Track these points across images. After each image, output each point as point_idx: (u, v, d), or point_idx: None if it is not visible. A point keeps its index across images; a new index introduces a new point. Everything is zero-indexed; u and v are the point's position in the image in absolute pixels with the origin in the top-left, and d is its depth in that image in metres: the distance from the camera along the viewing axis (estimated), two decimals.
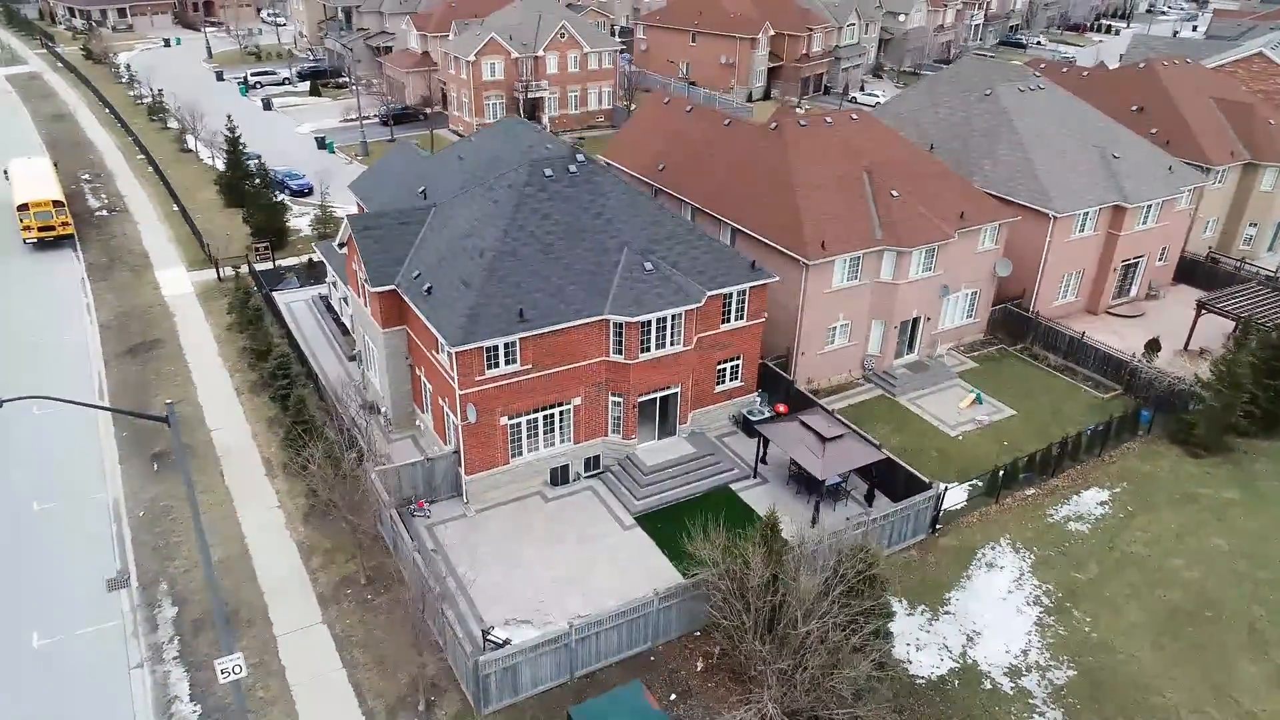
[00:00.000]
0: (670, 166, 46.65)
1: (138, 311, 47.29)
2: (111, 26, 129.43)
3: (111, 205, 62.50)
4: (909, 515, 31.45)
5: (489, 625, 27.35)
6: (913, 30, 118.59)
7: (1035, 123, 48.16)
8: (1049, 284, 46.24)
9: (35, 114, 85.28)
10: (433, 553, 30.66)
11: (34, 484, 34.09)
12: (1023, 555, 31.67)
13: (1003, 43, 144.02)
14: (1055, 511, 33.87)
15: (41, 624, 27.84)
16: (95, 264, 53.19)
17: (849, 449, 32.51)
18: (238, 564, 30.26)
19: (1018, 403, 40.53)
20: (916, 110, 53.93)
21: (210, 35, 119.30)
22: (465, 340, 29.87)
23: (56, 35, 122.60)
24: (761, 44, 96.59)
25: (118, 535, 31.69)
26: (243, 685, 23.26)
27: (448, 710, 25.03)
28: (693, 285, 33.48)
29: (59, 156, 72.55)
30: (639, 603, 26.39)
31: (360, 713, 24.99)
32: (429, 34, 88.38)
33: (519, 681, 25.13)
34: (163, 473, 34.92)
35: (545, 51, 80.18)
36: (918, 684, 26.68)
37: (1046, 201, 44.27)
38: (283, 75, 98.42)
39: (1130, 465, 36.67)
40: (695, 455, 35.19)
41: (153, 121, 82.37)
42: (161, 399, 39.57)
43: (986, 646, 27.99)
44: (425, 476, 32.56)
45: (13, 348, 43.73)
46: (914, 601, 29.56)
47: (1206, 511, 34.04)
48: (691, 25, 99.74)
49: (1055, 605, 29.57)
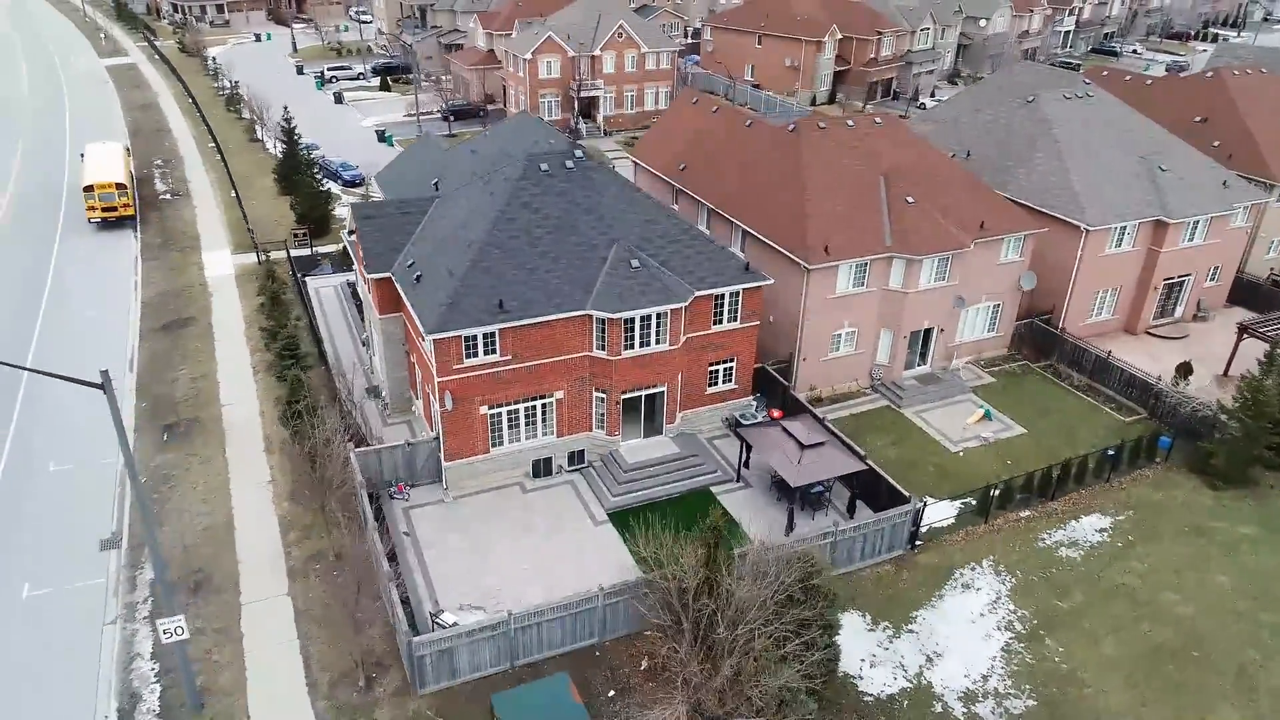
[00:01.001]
0: (691, 167, 46.47)
1: (179, 290, 49.70)
2: (209, 21, 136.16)
3: (176, 190, 65.83)
4: (884, 529, 30.58)
5: (440, 609, 27.82)
6: (993, 36, 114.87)
7: (1077, 131, 46.12)
8: (1080, 300, 44.20)
9: (125, 102, 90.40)
10: (405, 535, 31.37)
11: (54, 447, 36.20)
12: (1004, 578, 30.42)
13: (1095, 50, 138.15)
14: (1048, 536, 32.42)
15: (34, 576, 29.59)
16: (150, 244, 56.11)
17: (828, 457, 31.81)
18: (221, 534, 31.54)
19: (1031, 421, 38.91)
20: (958, 115, 52.35)
21: (297, 31, 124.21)
22: (442, 328, 30.45)
23: (158, 29, 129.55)
24: (828, 47, 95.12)
25: (119, 499, 33.41)
26: (187, 646, 24.22)
27: (386, 688, 25.57)
28: (680, 284, 33.31)
29: (139, 143, 76.92)
30: (582, 597, 26.43)
31: (305, 684, 25.74)
32: (494, 32, 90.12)
33: (457, 665, 25.48)
34: (171, 443, 36.63)
35: (602, 51, 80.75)
36: (865, 700, 25.95)
37: (1078, 213, 42.37)
38: (357, 70, 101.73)
39: (1141, 493, 34.79)
40: (679, 456, 34.99)
41: (229, 112, 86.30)
42: (184, 374, 41.59)
43: (945, 669, 27.00)
44: (406, 460, 33.29)
45: (61, 319, 46.50)
46: (878, 617, 28.74)
47: (1215, 546, 32.05)
48: (758, 27, 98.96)
49: (1028, 632, 28.32)
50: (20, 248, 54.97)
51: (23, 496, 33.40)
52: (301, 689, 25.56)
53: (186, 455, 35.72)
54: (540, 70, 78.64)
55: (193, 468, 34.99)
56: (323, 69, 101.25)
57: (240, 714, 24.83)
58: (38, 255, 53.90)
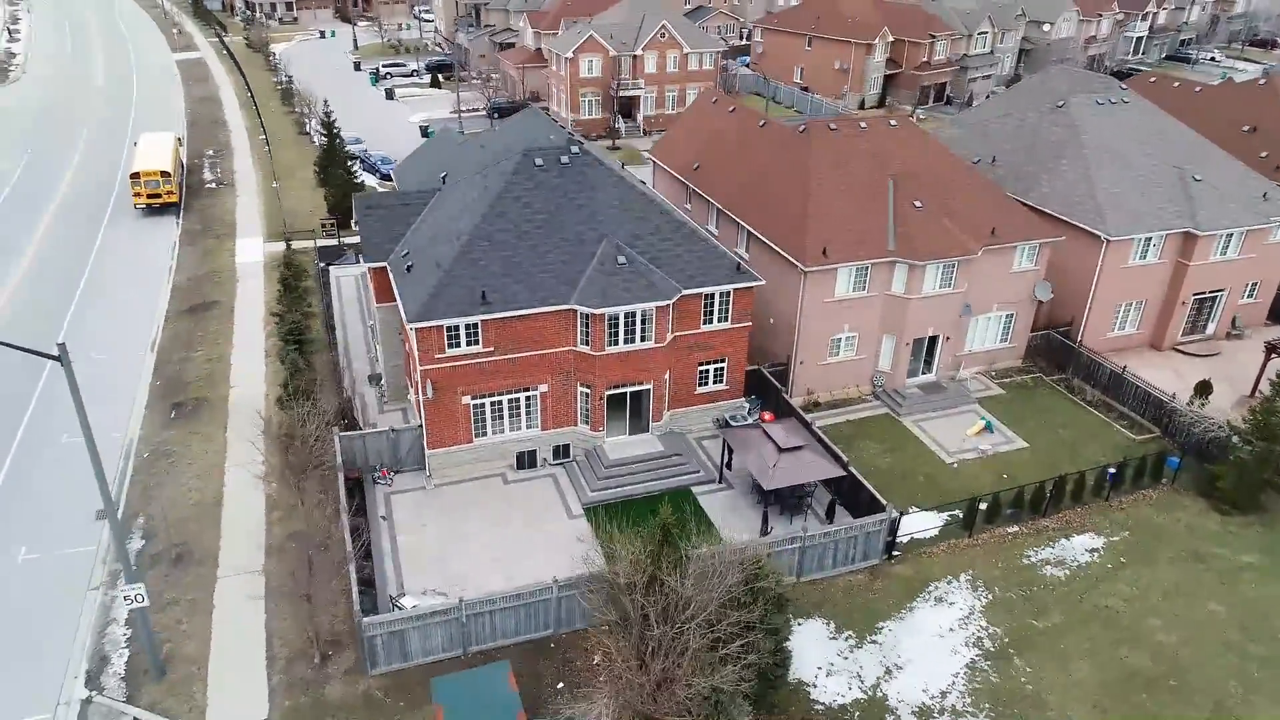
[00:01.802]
0: (704, 166, 46.29)
1: (209, 275, 51.49)
2: (279, 19, 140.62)
3: (222, 179, 68.22)
4: (857, 537, 30.00)
5: (402, 592, 28.29)
6: (1057, 41, 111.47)
7: (1107, 138, 44.52)
8: (1101, 313, 42.64)
9: (188, 95, 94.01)
10: (381, 519, 31.99)
11: (68, 421, 37.68)
12: (980, 594, 29.56)
13: (1170, 58, 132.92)
14: (1034, 553, 31.37)
15: (31, 541, 31.04)
16: (189, 230, 58.26)
17: (805, 462, 31.34)
18: (209, 509, 32.60)
19: (1035, 436, 37.71)
20: (988, 120, 51.09)
21: (359, 29, 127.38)
22: (423, 317, 30.96)
23: (229, 26, 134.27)
24: (878, 50, 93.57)
25: (120, 471, 34.79)
26: (148, 614, 25.12)
27: (340, 666, 26.12)
28: (667, 282, 33.22)
29: (195, 134, 79.95)
30: (536, 588, 26.59)
31: (264, 657, 26.46)
32: (542, 31, 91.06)
33: (408, 648, 25.88)
34: (177, 421, 38.01)
35: (644, 51, 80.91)
36: (815, 709, 25.54)
37: (1099, 222, 40.91)
38: (411, 68, 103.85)
39: (1141, 514, 33.42)
40: (662, 454, 34.90)
41: (283, 106, 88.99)
42: (200, 355, 43.10)
43: (904, 682, 26.37)
44: (390, 446, 33.92)
45: (97, 299, 48.62)
46: (842, 626, 28.22)
47: (1212, 573, 30.60)
48: (808, 29, 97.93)
49: (997, 650, 27.47)
50: (70, 230, 57.64)
51: (33, 465, 35.05)
52: (261, 663, 26.28)
53: (189, 433, 37.02)
54: (581, 69, 79.17)
55: (193, 445, 36.24)
56: (377, 66, 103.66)
57: (199, 683, 25.65)
58: (84, 237, 56.45)
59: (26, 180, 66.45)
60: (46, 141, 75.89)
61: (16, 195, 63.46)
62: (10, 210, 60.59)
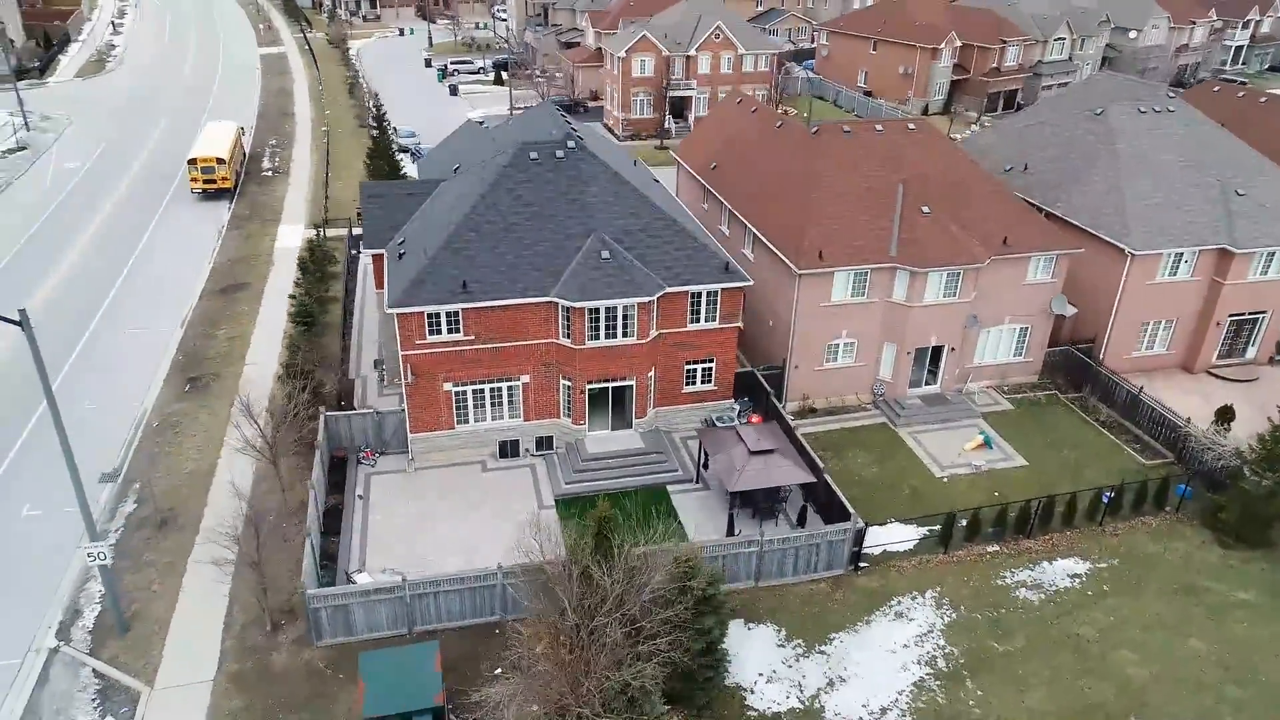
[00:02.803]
0: (721, 166, 45.99)
1: (247, 258, 53.70)
2: (363, 16, 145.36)
3: (278, 167, 71.01)
4: (819, 545, 29.37)
5: (359, 569, 29.02)
6: (1144, 49, 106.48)
7: (1144, 147, 42.41)
8: (1124, 330, 40.64)
9: (265, 88, 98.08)
10: (358, 498, 32.87)
11: (93, 389, 40.02)
12: (944, 612, 28.58)
13: (1274, 68, 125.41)
14: (1011, 574, 30.17)
15: (35, 498, 32.97)
16: (238, 215, 60.86)
17: (776, 466, 30.83)
18: (201, 478, 34.06)
19: (1036, 454, 36.23)
20: (1025, 127, 49.32)
21: (434, 27, 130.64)
22: (404, 303, 31.69)
23: (316, 23, 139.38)
24: (944, 55, 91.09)
25: (129, 439, 36.64)
26: (111, 572, 26.46)
27: (290, 635, 26.96)
28: (650, 279, 33.17)
29: (263, 124, 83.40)
30: (480, 573, 26.92)
31: (223, 622, 27.52)
32: (601, 30, 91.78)
33: (353, 622, 26.55)
34: (191, 393, 39.80)
35: (698, 51, 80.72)
36: (748, 715, 25.14)
37: (1123, 235, 39.03)
38: (478, 65, 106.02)
39: (1135, 541, 31.76)
40: (641, 451, 34.85)
41: (350, 100, 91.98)
42: (224, 333, 45.02)
43: (845, 695, 25.73)
44: (375, 428, 34.81)
45: (141, 278, 51.25)
46: (793, 634, 27.70)
47: (1202, 608, 28.88)
48: (874, 32, 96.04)
49: (950, 671, 26.53)
50: (130, 211, 60.88)
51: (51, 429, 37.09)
52: (218, 627, 27.35)
53: (198, 406, 38.71)
54: (634, 69, 79.47)
55: (199, 418, 37.89)
56: (446, 62, 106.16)
57: (158, 641, 26.87)
58: (141, 219, 59.55)
59: (101, 164, 70.48)
60: (127, 128, 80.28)
61: (89, 178, 67.37)
62: (80, 192, 64.37)
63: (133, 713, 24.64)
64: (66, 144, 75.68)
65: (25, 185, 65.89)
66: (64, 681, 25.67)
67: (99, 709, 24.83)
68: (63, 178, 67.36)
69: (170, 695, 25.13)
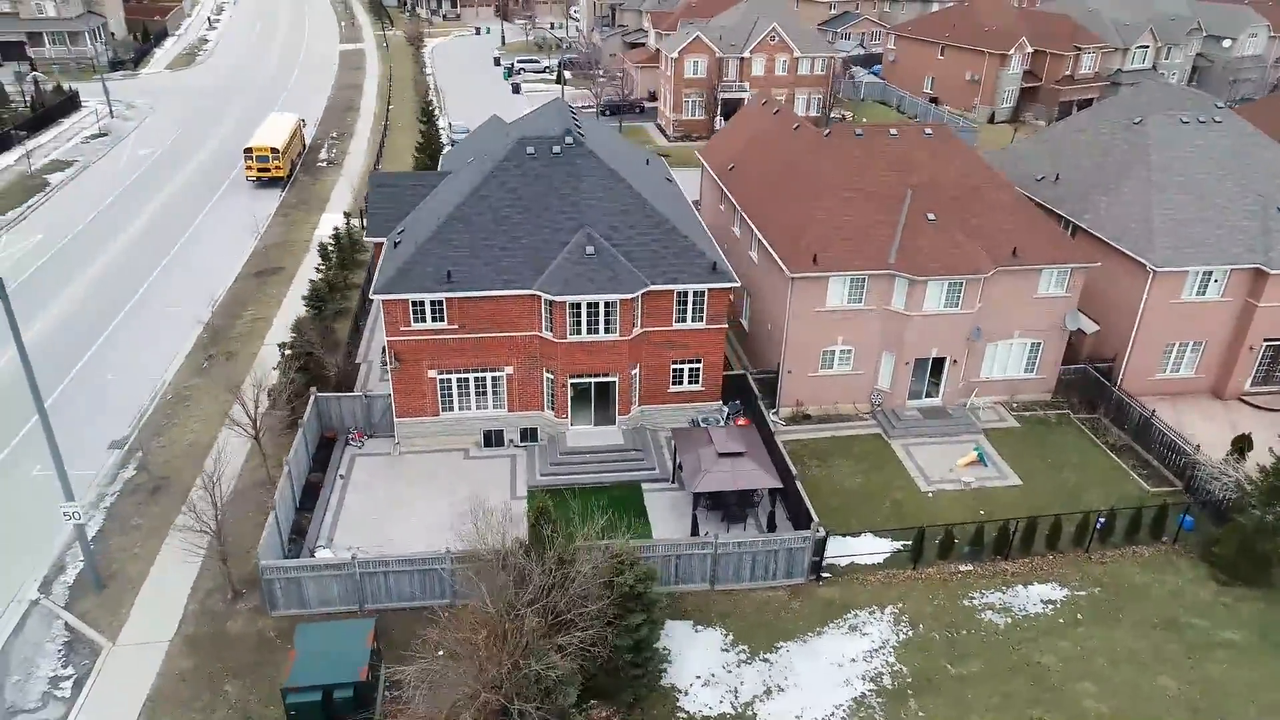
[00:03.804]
0: (739, 167, 45.60)
1: (286, 244, 55.80)
2: (443, 15, 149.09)
3: (333, 159, 73.52)
4: (778, 552, 28.88)
5: (323, 545, 29.88)
6: (1237, 60, 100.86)
7: (1182, 160, 40.28)
8: (1146, 351, 38.67)
9: (337, 82, 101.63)
10: (340, 477, 33.84)
11: (117, 362, 42.19)
12: (900, 629, 27.74)
13: None
14: (980, 596, 29.08)
15: (47, 460, 34.66)
16: (286, 202, 63.29)
17: (742, 469, 30.45)
18: (198, 452, 35.52)
19: (1034, 475, 34.82)
20: (1062, 135, 47.42)
21: (507, 27, 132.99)
22: (388, 290, 32.50)
23: (397, 21, 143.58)
24: (1014, 61, 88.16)
25: (144, 409, 38.53)
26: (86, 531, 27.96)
27: (249, 604, 27.97)
28: (633, 276, 33.17)
29: (328, 117, 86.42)
30: (429, 555, 27.40)
31: (189, 588, 28.70)
32: (662, 31, 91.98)
33: (305, 596, 27.37)
34: (207, 370, 41.63)
35: (752, 54, 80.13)
36: (678, 716, 24.92)
37: (1146, 250, 37.16)
38: (544, 64, 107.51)
39: (1122, 571, 30.22)
40: (620, 447, 34.87)
41: (416, 95, 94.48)
42: (249, 314, 46.92)
43: (780, 705, 25.26)
44: (364, 411, 35.76)
45: (187, 258, 53.81)
46: (739, 639, 27.32)
47: (1181, 645, 27.28)
48: (942, 37, 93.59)
49: (895, 689, 25.76)
50: (189, 196, 63.97)
51: (77, 394, 39.43)
52: (185, 592, 28.56)
53: (211, 382, 40.37)
54: (686, 69, 79.41)
55: (210, 393, 39.51)
56: (512, 61, 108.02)
57: (128, 600, 28.24)
58: (198, 203, 62.51)
59: (171, 151, 74.19)
60: (202, 118, 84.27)
61: (158, 163, 71.02)
62: (148, 176, 67.91)
63: (91, 666, 25.98)
64: (144, 131, 79.91)
65: (100, 168, 69.87)
66: (37, 632, 27.22)
67: (62, 660, 26.26)
68: (135, 163, 71.19)
69: (128, 652, 26.39)
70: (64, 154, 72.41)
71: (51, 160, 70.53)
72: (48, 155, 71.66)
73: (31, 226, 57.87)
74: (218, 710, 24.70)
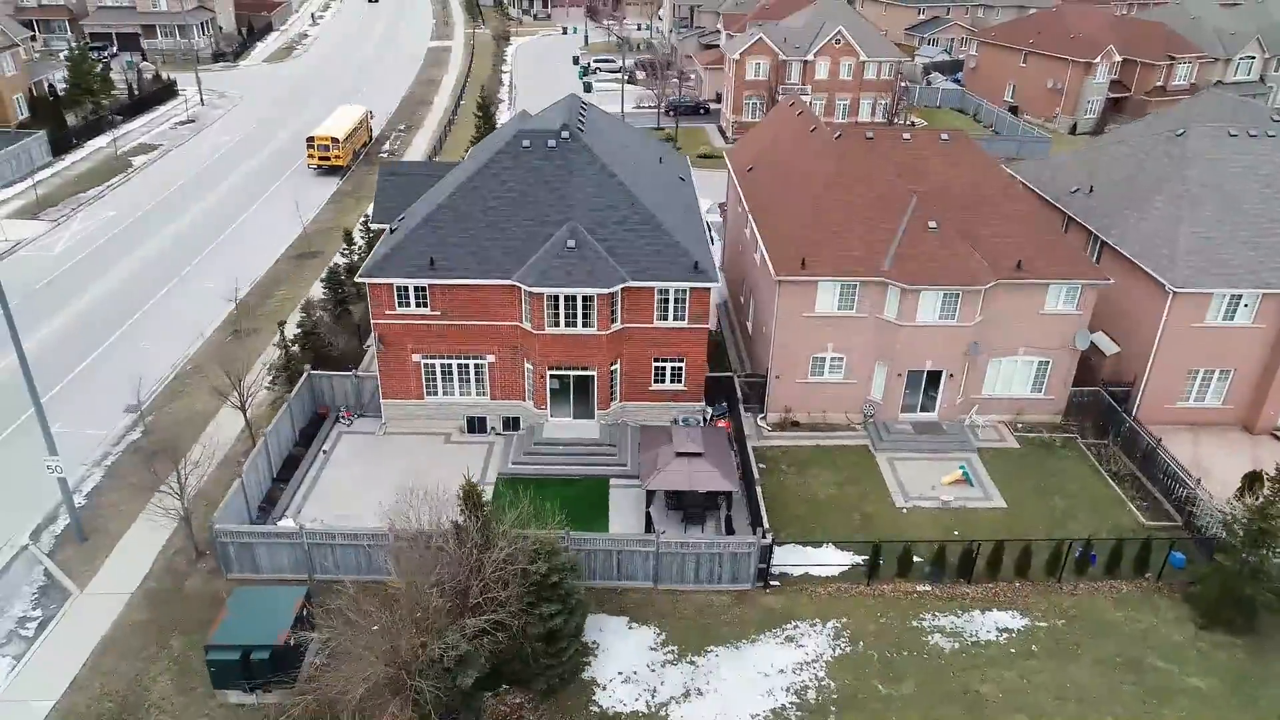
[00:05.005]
0: (756, 169, 45.01)
1: (331, 229, 57.96)
2: (534, 15, 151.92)
3: (395, 150, 76.01)
4: (722, 556, 28.48)
5: (285, 515, 31.05)
6: None
7: (1221, 174, 37.73)
8: (1165, 376, 36.35)
9: (417, 77, 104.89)
10: (323, 452, 35.11)
11: (155, 332, 44.81)
12: (839, 643, 26.96)
13: None
14: (932, 618, 27.97)
15: (67, 419, 37.45)
16: (342, 191, 65.84)
17: (698, 470, 30.14)
18: (201, 421, 37.48)
19: (1022, 499, 33.25)
20: (1103, 146, 45.05)
21: (592, 27, 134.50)
22: (372, 273, 33.55)
23: (488, 19, 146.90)
24: (1100, 70, 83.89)
25: (165, 378, 40.83)
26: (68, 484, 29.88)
27: (209, 565, 29.35)
28: (612, 271, 33.25)
29: (401, 109, 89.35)
30: (373, 531, 28.13)
31: (157, 549, 30.28)
32: (733, 33, 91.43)
33: (257, 561, 28.56)
34: (230, 344, 43.77)
35: (816, 56, 78.78)
36: (590, 710, 24.92)
37: (1167, 269, 34.95)
38: (618, 64, 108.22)
39: (1094, 605, 28.55)
40: (595, 442, 34.99)
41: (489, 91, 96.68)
42: (281, 293, 49.11)
43: (696, 709, 24.94)
44: (355, 390, 36.96)
45: (239, 237, 56.71)
46: (670, 640, 27.10)
47: (1141, 689, 25.62)
48: (1026, 43, 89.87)
49: (817, 704, 25.08)
50: (255, 180, 67.31)
51: (105, 361, 42.07)
52: (155, 550, 30.19)
53: (230, 356, 42.30)
54: (748, 71, 78.75)
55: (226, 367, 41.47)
56: (589, 61, 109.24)
57: (103, 553, 30.08)
58: (261, 187, 65.71)
59: (249, 138, 78.12)
60: (284, 108, 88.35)
61: (235, 149, 74.94)
62: (223, 161, 71.76)
63: (58, 610, 27.78)
64: (229, 120, 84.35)
65: (181, 152, 74.18)
66: (19, 575, 29.28)
67: (34, 603, 28.17)
68: (214, 148, 75.28)
69: (93, 600, 28.10)
70: (151, 138, 77.21)
71: (139, 144, 75.29)
72: (137, 139, 76.52)
73: (107, 204, 62.00)
74: (159, 661, 26.05)
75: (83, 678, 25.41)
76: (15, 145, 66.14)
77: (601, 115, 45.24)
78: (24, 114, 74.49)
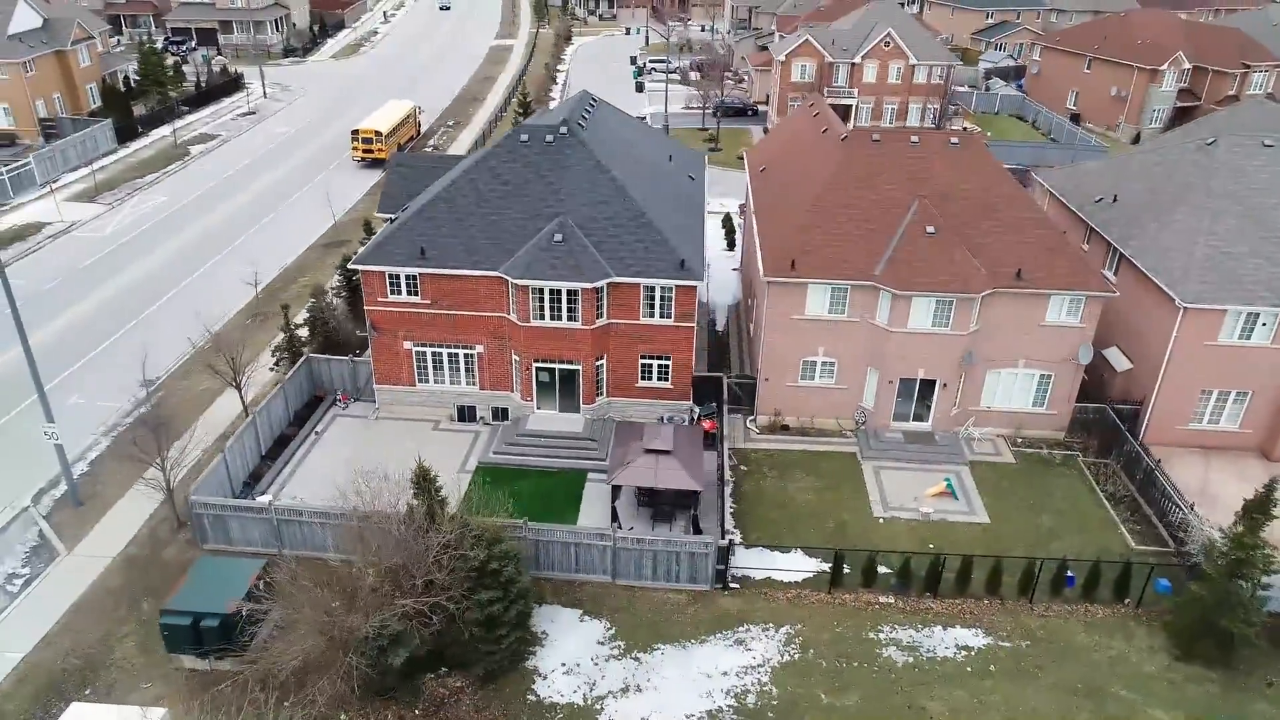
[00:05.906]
0: (769, 169, 44.55)
1: (357, 220, 59.17)
2: (599, 15, 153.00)
3: (439, 145, 77.55)
4: (679, 554, 28.30)
5: (264, 490, 32.02)
6: None
7: (1247, 186, 35.85)
8: (1175, 395, 34.67)
9: (474, 75, 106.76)
10: (315, 433, 36.10)
11: (183, 311, 46.58)
12: (788, 650, 26.53)
13: None
14: (889, 630, 27.29)
15: (83, 390, 39.39)
16: (377, 184, 67.44)
17: (665, 469, 29.95)
18: (204, 400, 38.89)
19: (1008, 515, 32.17)
20: (1133, 154, 43.16)
21: (653, 28, 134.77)
22: (365, 261, 34.38)
23: (553, 19, 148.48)
24: (1167, 77, 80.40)
25: (181, 355, 42.52)
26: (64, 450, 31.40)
27: (186, 534, 30.48)
28: (597, 266, 33.37)
29: (454, 106, 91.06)
30: (340, 510, 28.71)
31: (144, 518, 31.57)
32: (784, 34, 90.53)
33: (231, 533, 29.56)
34: (250, 328, 45.33)
35: (864, 59, 77.45)
36: (526, 699, 25.08)
37: (1178, 284, 33.35)
38: (673, 65, 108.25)
39: (1064, 628, 27.45)
40: (576, 436, 35.15)
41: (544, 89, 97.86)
42: (304, 280, 50.58)
43: (631, 705, 24.86)
44: (351, 375, 37.89)
45: (277, 225, 58.72)
46: (619, 635, 27.08)
47: (1096, 716, 24.53)
48: (1091, 49, 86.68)
49: (757, 709, 24.73)
50: (302, 170, 69.57)
51: (131, 339, 43.98)
52: (142, 519, 31.51)
53: (246, 338, 43.91)
54: (793, 73, 77.97)
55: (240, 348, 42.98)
56: (644, 61, 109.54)
57: (95, 517, 31.54)
58: (306, 177, 67.88)
59: (303, 132, 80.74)
60: (341, 102, 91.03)
61: (288, 141, 77.57)
62: (276, 151, 74.38)
63: (44, 570, 29.23)
64: (289, 112, 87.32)
65: (239, 143, 77.11)
66: (15, 535, 30.88)
67: (24, 561, 29.69)
68: (269, 139, 78.08)
69: (77, 562, 29.49)
70: (212, 129, 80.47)
71: (199, 134, 78.56)
72: (198, 130, 79.84)
73: (160, 190, 64.88)
74: (128, 623, 27.19)
75: (54, 634, 26.71)
76: (82, 132, 69.74)
77: (613, 113, 45.41)
78: (96, 103, 78.41)
